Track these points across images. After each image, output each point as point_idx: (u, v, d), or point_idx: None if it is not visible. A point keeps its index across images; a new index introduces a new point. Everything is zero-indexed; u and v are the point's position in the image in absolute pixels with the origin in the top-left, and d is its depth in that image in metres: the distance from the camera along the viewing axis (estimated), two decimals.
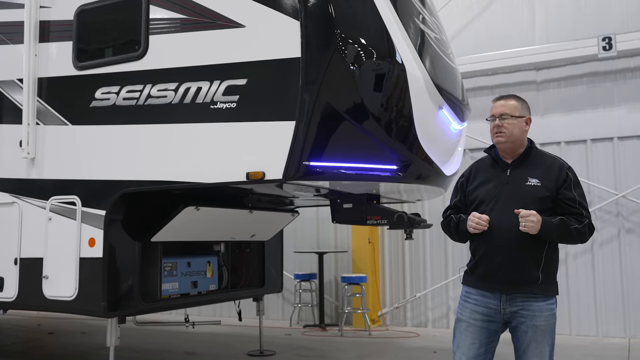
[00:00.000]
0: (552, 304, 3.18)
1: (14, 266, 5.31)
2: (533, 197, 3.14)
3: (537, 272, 3.13)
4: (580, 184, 3.23)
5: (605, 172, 8.23)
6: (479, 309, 3.23)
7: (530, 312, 3.13)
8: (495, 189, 3.25)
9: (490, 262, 3.19)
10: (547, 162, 3.27)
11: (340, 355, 7.07)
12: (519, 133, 3.28)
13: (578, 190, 3.18)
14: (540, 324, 3.13)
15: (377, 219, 5.12)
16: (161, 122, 4.75)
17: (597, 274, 8.13)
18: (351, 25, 4.50)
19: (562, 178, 3.18)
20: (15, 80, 5.57)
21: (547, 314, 3.14)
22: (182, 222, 5.03)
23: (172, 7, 4.82)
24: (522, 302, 3.15)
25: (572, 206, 3.14)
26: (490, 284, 3.20)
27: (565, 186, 3.16)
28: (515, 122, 3.27)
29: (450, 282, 8.82)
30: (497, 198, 3.22)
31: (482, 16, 9.27)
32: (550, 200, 3.16)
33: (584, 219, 3.13)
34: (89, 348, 7.61)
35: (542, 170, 3.22)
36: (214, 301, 6.96)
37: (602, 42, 8.07)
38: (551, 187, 3.16)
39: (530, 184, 3.18)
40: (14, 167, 5.48)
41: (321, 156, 4.32)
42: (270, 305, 9.63)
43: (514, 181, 3.23)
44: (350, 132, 4.41)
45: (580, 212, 3.14)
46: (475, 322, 3.24)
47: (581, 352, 7.02)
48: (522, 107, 3.33)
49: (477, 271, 3.26)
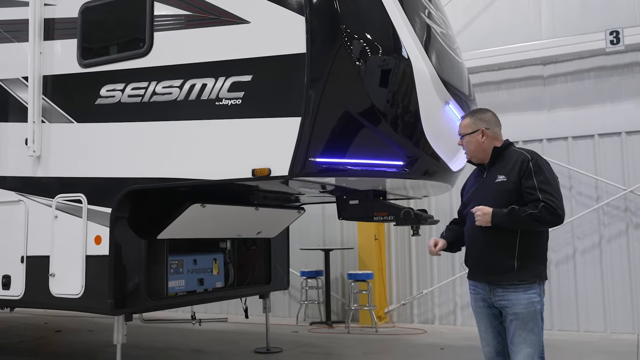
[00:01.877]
0: (532, 292, 3.33)
1: (21, 264, 5.32)
2: (500, 193, 3.41)
3: (511, 260, 3.34)
4: (543, 171, 3.36)
5: (613, 167, 8.17)
6: (478, 297, 3.55)
7: (510, 301, 3.34)
8: (475, 190, 3.63)
9: (472, 255, 3.57)
10: (514, 159, 3.46)
11: (347, 352, 7.05)
12: (475, 147, 3.61)
13: (539, 177, 3.33)
14: (520, 312, 3.31)
15: (384, 215, 5.10)
16: (166, 119, 4.74)
17: (605, 269, 8.07)
18: (357, 20, 4.47)
19: (522, 169, 3.37)
20: (20, 79, 5.56)
21: (526, 302, 3.31)
22: (188, 220, 5.02)
23: (177, 4, 4.81)
24: (502, 292, 3.38)
25: (531, 193, 3.31)
26: (475, 274, 3.55)
27: (525, 176, 3.35)
28: (469, 139, 3.63)
29: (457, 278, 8.79)
30: (475, 198, 3.56)
31: (488, 11, 9.21)
32: (516, 193, 3.36)
33: (540, 202, 3.25)
34: (95, 346, 7.62)
35: (509, 167, 3.44)
36: (220, 298, 6.96)
37: (610, 36, 8.00)
38: (514, 180, 3.38)
39: (498, 181, 3.44)
40: (19, 165, 5.48)
41: (327, 152, 4.30)
42: (276, 302, 9.63)
43: (488, 181, 3.54)
44: (356, 128, 4.39)
45: (538, 197, 3.27)
46: (481, 310, 3.54)
47: (589, 349, 6.98)
48: (474, 122, 3.61)
49: (467, 263, 3.64)
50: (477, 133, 3.59)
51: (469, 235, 3.58)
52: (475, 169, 3.76)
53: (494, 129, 3.62)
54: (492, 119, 3.66)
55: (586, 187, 8.19)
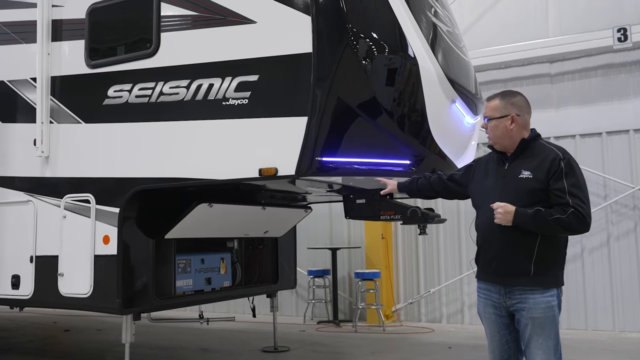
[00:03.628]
0: (550, 296, 3.13)
1: (30, 264, 5.35)
2: (523, 190, 3.15)
3: (528, 264, 3.12)
4: (575, 173, 3.12)
5: (622, 165, 8.13)
6: (487, 302, 3.31)
7: (527, 305, 3.13)
8: (493, 182, 3.32)
9: (485, 254, 3.29)
10: (544, 154, 3.20)
11: (354, 351, 7.06)
12: (502, 133, 3.28)
13: (570, 180, 3.09)
14: (537, 317, 3.11)
15: (391, 214, 5.09)
16: (173, 119, 4.76)
17: (613, 267, 8.04)
18: (363, 19, 4.47)
19: (553, 169, 3.11)
20: (28, 80, 5.60)
21: (544, 306, 3.11)
22: (196, 219, 5.04)
23: (184, 4, 4.83)
24: (519, 295, 3.15)
25: (559, 196, 3.07)
26: (489, 275, 3.28)
27: (555, 177, 3.09)
28: (496, 124, 3.29)
29: (465, 277, 8.78)
30: (494, 190, 3.27)
31: (494, 9, 9.19)
32: (542, 192, 3.12)
33: (569, 208, 3.02)
34: (104, 345, 7.65)
35: (537, 163, 3.18)
36: (227, 298, 6.97)
37: (617, 33, 7.96)
38: (542, 179, 3.12)
39: (523, 177, 3.17)
40: (28, 166, 5.52)
41: (334, 151, 4.31)
42: (284, 301, 9.65)
43: (510, 174, 3.24)
44: (363, 127, 4.39)
45: (567, 201, 3.04)
46: (489, 316, 3.31)
47: (598, 347, 6.96)
48: (505, 106, 3.29)
49: (478, 263, 3.37)
50: (506, 118, 3.27)
51: (483, 231, 3.29)
52: (491, 154, 3.46)
53: (525, 116, 3.31)
54: (524, 104, 3.34)
55: (594, 185, 8.15)
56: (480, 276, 3.35)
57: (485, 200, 3.27)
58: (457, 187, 3.68)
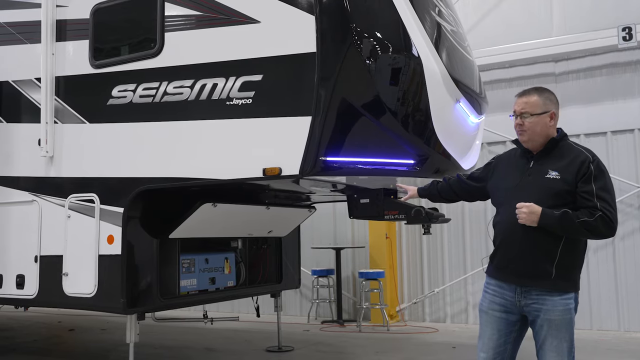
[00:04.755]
0: (568, 299, 3.10)
1: (34, 264, 5.36)
2: (550, 190, 3.09)
3: (549, 266, 3.06)
4: (604, 176, 3.09)
5: (626, 164, 8.11)
6: (496, 300, 3.23)
7: (545, 306, 3.08)
8: (517, 180, 3.24)
9: (504, 253, 3.21)
10: (572, 155, 3.15)
11: (358, 350, 7.05)
12: (541, 130, 3.20)
13: (599, 183, 3.04)
14: (554, 319, 3.06)
15: (395, 214, 5.09)
16: (177, 119, 4.76)
17: (618, 267, 8.02)
18: (367, 19, 4.46)
19: (582, 172, 3.06)
20: (33, 80, 5.61)
21: (562, 308, 3.07)
22: (200, 219, 5.04)
23: (187, 4, 4.83)
24: (537, 296, 3.10)
25: (587, 199, 3.01)
26: (504, 274, 3.20)
27: (584, 179, 3.04)
28: (536, 120, 3.20)
29: (469, 277, 8.77)
30: (517, 189, 3.20)
31: (498, 8, 9.17)
32: (569, 194, 3.06)
33: (597, 211, 2.97)
34: (108, 345, 7.67)
35: (565, 164, 3.12)
36: (232, 297, 6.96)
37: (622, 32, 7.94)
38: (570, 180, 3.06)
39: (550, 177, 3.10)
40: (33, 166, 5.53)
41: (338, 151, 4.30)
42: (288, 301, 9.65)
43: (535, 173, 3.18)
44: (367, 127, 4.38)
45: (595, 204, 2.99)
46: (493, 313, 3.24)
47: (603, 347, 6.94)
48: (544, 103, 3.22)
49: (494, 261, 3.28)
50: (546, 115, 3.18)
51: (503, 230, 3.21)
52: (512, 150, 3.41)
53: (558, 114, 3.24)
54: (557, 102, 3.28)
55: None
56: (494, 274, 3.27)
57: (507, 198, 3.21)
58: (478, 185, 3.60)
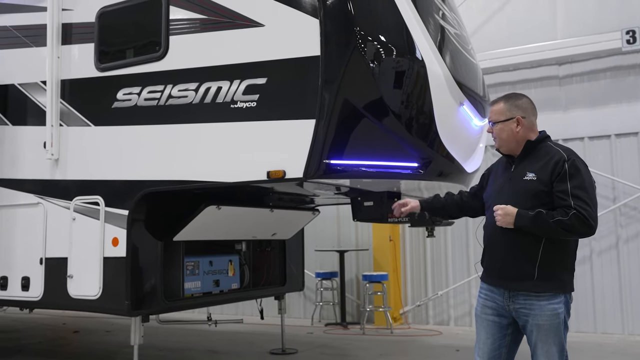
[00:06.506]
0: (556, 303, 3.06)
1: (40, 266, 5.39)
2: (526, 192, 3.12)
3: (531, 268, 3.07)
4: (580, 175, 3.05)
5: (630, 167, 8.09)
6: (488, 304, 3.27)
7: (532, 311, 3.08)
8: (501, 185, 3.31)
9: (490, 256, 3.27)
10: (548, 156, 3.15)
11: (362, 353, 7.05)
12: (508, 136, 3.27)
13: (574, 181, 3.03)
14: (542, 324, 3.06)
15: (398, 216, 5.09)
16: (182, 122, 4.78)
17: (622, 270, 8.00)
18: (371, 22, 4.48)
19: (557, 171, 3.06)
20: (39, 83, 5.64)
21: (550, 313, 3.05)
22: (204, 222, 5.06)
23: (192, 8, 4.85)
24: (524, 301, 3.10)
25: (562, 198, 3.01)
26: (492, 278, 3.25)
27: (559, 178, 3.05)
28: (501, 127, 3.28)
29: (473, 279, 8.75)
30: (500, 193, 3.26)
31: (502, 11, 9.17)
32: (546, 194, 3.07)
33: (571, 210, 2.96)
34: (113, 347, 7.69)
35: (541, 164, 3.14)
36: (236, 300, 6.99)
37: (626, 35, 7.93)
38: (546, 180, 3.08)
39: (527, 179, 3.14)
40: (38, 168, 5.56)
41: (342, 154, 4.31)
42: (291, 303, 9.66)
43: (515, 176, 3.23)
44: (371, 130, 4.39)
45: (569, 203, 2.98)
46: (486, 317, 3.27)
47: (607, 350, 6.92)
48: (509, 109, 3.27)
49: (483, 265, 3.33)
50: (511, 121, 3.24)
51: (488, 234, 3.29)
52: (502, 158, 3.45)
53: (530, 118, 3.27)
54: (529, 106, 3.30)
55: (603, 188, 8.10)
56: (485, 278, 3.32)
57: (491, 202, 3.27)
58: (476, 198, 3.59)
